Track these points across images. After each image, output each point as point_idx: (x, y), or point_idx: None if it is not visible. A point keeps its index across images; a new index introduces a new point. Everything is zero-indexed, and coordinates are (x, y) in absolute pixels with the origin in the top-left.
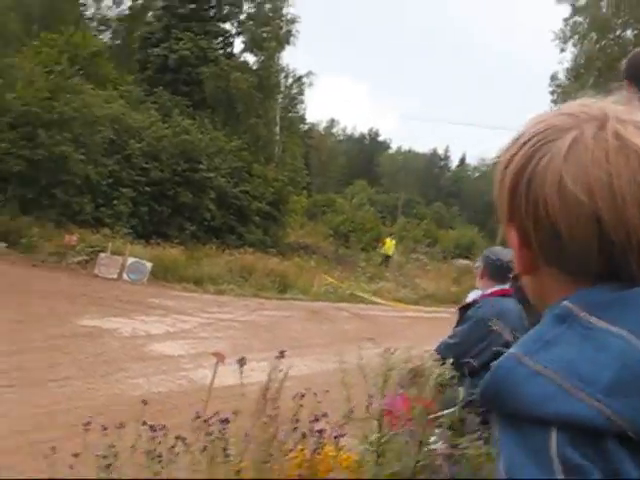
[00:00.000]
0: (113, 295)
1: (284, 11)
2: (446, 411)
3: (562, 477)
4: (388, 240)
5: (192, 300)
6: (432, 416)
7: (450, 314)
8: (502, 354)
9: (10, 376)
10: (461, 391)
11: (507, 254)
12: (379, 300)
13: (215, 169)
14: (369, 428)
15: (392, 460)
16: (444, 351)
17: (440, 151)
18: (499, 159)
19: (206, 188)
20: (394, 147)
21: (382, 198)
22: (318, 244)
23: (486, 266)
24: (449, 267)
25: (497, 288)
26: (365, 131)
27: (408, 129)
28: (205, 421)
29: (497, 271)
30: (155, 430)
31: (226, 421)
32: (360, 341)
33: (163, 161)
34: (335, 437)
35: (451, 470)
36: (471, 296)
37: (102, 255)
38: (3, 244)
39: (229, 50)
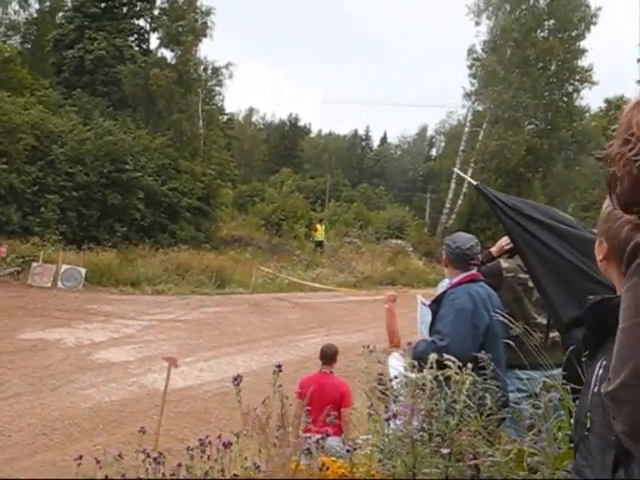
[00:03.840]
0: (51, 305)
1: (198, 3)
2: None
3: None
4: (319, 226)
5: (131, 303)
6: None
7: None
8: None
9: None
10: (488, 397)
11: (466, 240)
12: (320, 285)
13: (141, 168)
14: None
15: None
16: (438, 354)
17: (361, 132)
18: None
19: (134, 188)
20: (315, 131)
21: (309, 184)
22: (251, 235)
23: (447, 255)
24: (383, 248)
25: (463, 275)
26: (285, 117)
27: (329, 113)
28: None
29: (458, 259)
30: (156, 461)
31: (229, 445)
32: (307, 331)
33: (88, 164)
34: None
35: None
36: (441, 287)
37: (35, 264)
38: None
39: (145, 47)
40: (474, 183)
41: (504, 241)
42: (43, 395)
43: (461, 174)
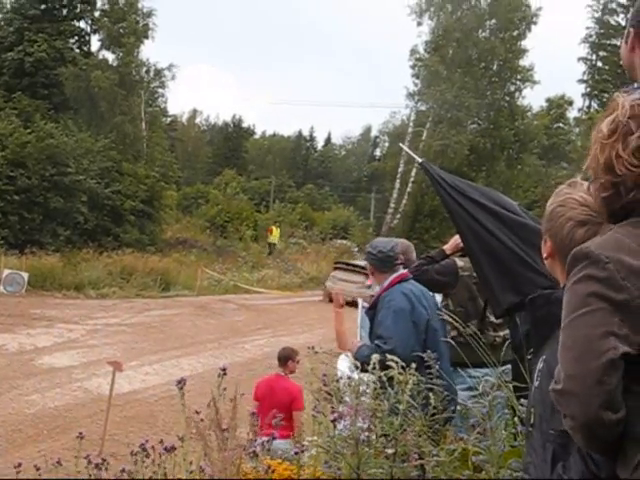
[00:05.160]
0: None
1: (139, 5)
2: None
3: None
4: (274, 228)
5: (75, 307)
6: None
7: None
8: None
9: None
10: (432, 396)
11: (386, 243)
12: (262, 289)
13: (84, 171)
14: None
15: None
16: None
17: (305, 133)
18: None
19: (76, 191)
20: (259, 132)
21: (253, 185)
22: (196, 237)
23: (371, 262)
24: (328, 248)
25: (394, 276)
26: (228, 119)
27: (273, 114)
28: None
29: (382, 263)
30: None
31: (172, 449)
32: (252, 333)
33: (29, 168)
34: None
35: None
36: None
37: None
38: None
39: (86, 49)
40: (419, 160)
41: (457, 239)
42: None
43: (407, 150)
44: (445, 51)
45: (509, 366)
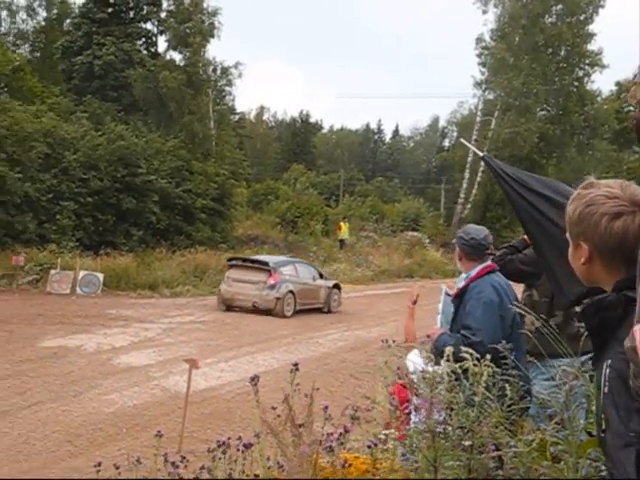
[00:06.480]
0: (70, 311)
1: (205, 4)
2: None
3: None
4: (342, 224)
5: (150, 306)
6: None
7: (407, 287)
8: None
9: None
10: (507, 387)
11: (479, 231)
12: None
13: (155, 171)
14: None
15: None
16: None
17: (373, 125)
18: None
19: (148, 191)
20: (327, 127)
21: (323, 180)
22: (267, 234)
23: (461, 247)
24: (399, 241)
25: (482, 266)
26: (296, 114)
27: (340, 108)
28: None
29: (473, 250)
30: (174, 464)
31: (249, 445)
32: (326, 327)
33: (101, 170)
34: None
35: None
36: (460, 282)
37: (53, 272)
38: None
39: (153, 50)
40: (480, 154)
41: None
42: (66, 402)
43: (467, 144)
44: (511, 38)
45: (590, 355)
